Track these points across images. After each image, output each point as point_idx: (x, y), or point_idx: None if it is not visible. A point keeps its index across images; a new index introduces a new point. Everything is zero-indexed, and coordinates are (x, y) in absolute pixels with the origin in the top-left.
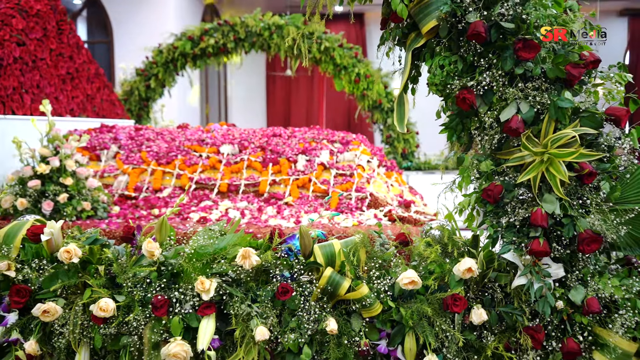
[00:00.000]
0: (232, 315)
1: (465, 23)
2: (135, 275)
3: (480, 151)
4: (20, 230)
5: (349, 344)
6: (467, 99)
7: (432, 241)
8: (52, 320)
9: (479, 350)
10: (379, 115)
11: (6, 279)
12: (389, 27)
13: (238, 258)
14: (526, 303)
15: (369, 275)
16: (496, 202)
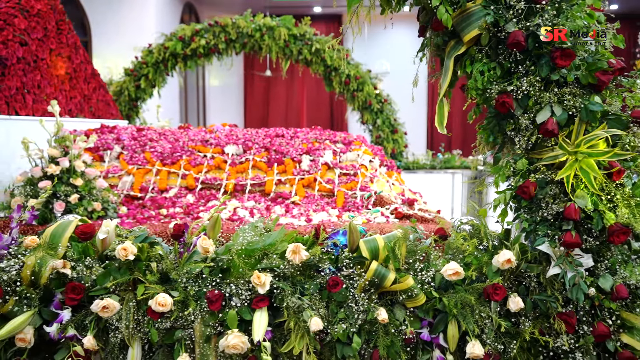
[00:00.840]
0: (284, 307)
1: (505, 32)
2: (189, 271)
3: (512, 151)
4: (67, 230)
5: (395, 332)
6: (506, 102)
7: (467, 235)
8: (110, 315)
9: (514, 336)
10: (368, 115)
11: (58, 277)
12: (429, 35)
13: (288, 253)
14: (558, 291)
15: (414, 268)
16: (531, 198)
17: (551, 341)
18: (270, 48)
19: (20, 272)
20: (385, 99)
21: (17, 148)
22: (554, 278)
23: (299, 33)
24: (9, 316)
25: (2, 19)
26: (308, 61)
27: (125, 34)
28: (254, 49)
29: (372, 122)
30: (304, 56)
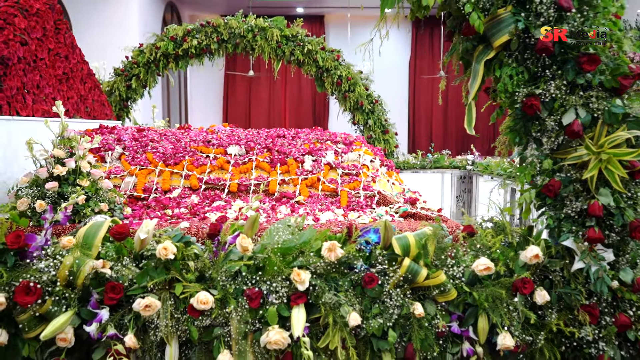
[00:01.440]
0: (320, 304)
1: (534, 38)
2: (228, 270)
3: (537, 152)
4: (100, 230)
5: (428, 326)
6: (534, 105)
7: (493, 232)
8: (151, 314)
9: (540, 328)
10: (360, 116)
11: (96, 276)
12: (457, 39)
13: (324, 251)
14: (581, 284)
15: (445, 264)
16: (556, 196)
17: (577, 332)
18: (262, 49)
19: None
20: (377, 100)
21: (19, 149)
22: (577, 272)
23: (290, 34)
24: (47, 316)
25: (2, 18)
26: (300, 62)
27: (109, 33)
28: (245, 49)
29: (364, 123)
30: (296, 57)
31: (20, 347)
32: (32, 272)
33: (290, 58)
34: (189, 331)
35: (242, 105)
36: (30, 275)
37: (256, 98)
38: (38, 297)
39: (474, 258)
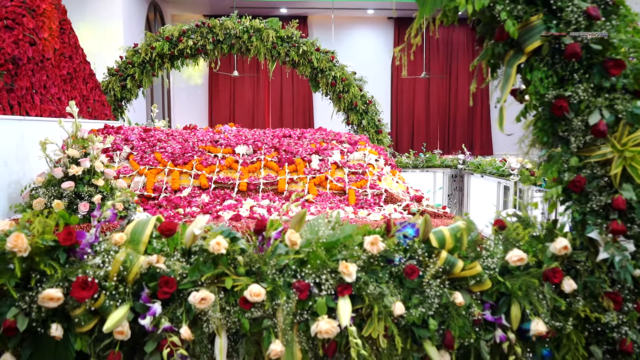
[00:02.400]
0: (365, 294)
1: (564, 44)
2: (277, 264)
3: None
4: (147, 227)
5: (466, 314)
6: (563, 106)
7: (520, 226)
8: (206, 307)
9: (567, 314)
10: (354, 116)
11: (147, 271)
12: (488, 44)
13: (367, 244)
14: (605, 273)
15: (479, 255)
16: (581, 191)
17: (602, 317)
18: (258, 50)
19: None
20: (370, 100)
21: (30, 148)
22: (601, 262)
23: (286, 35)
24: (100, 311)
25: (10, 18)
26: (295, 63)
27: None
28: (241, 50)
29: (358, 123)
30: (291, 58)
31: (72, 341)
32: (88, 268)
33: (285, 59)
34: (240, 323)
35: (225, 105)
36: (87, 271)
37: (240, 98)
38: (94, 292)
39: (504, 250)
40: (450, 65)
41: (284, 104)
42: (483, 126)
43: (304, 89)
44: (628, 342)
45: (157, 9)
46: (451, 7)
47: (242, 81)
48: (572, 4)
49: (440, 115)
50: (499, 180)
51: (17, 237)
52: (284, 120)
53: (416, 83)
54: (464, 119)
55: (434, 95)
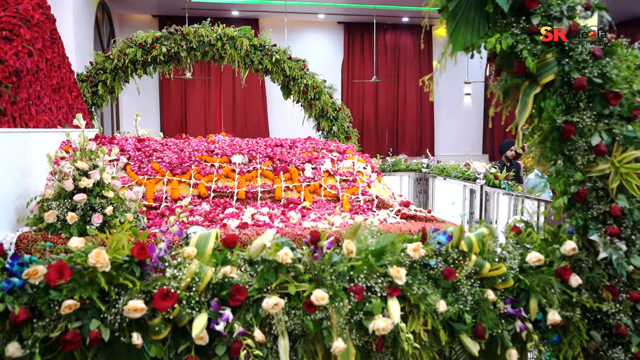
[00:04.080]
0: (410, 295)
1: (572, 78)
2: (335, 270)
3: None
4: (209, 240)
5: (494, 308)
6: (570, 130)
7: (532, 230)
8: (277, 311)
9: (573, 305)
10: (325, 123)
11: (218, 281)
12: (505, 75)
13: (410, 250)
14: (603, 269)
15: (503, 257)
16: (584, 201)
17: (604, 306)
18: (232, 57)
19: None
20: (340, 107)
21: (32, 160)
22: (601, 260)
23: (259, 43)
24: (176, 320)
25: (7, 29)
26: (268, 70)
27: None
28: (214, 57)
29: (329, 129)
30: (264, 66)
31: (147, 348)
32: (165, 280)
33: (258, 67)
34: (305, 325)
35: (177, 109)
36: (166, 283)
37: (191, 101)
38: (174, 302)
39: (521, 253)
40: (397, 69)
41: (237, 106)
42: (430, 129)
43: (257, 92)
44: (622, 326)
45: (106, 8)
46: (479, 44)
47: (193, 84)
48: (580, 45)
49: (389, 118)
50: (464, 184)
51: (99, 254)
52: (237, 123)
53: (365, 87)
54: (412, 121)
55: (382, 99)
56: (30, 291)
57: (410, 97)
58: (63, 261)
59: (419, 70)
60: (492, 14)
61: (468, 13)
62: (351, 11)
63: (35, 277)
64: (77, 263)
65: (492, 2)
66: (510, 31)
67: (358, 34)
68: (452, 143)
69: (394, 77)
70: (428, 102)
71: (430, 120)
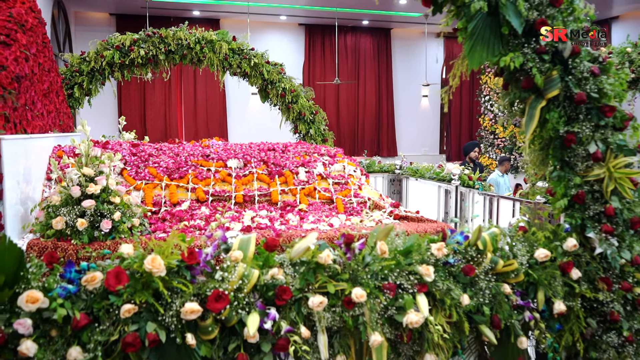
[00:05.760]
0: (435, 290)
1: (573, 92)
2: (370, 269)
3: (567, 171)
4: (250, 244)
5: (508, 301)
6: (572, 139)
7: (537, 230)
8: (322, 308)
9: (574, 296)
10: (302, 126)
11: (261, 282)
12: (512, 89)
13: (434, 250)
14: (598, 262)
15: (514, 254)
16: (582, 202)
17: (600, 295)
18: (211, 61)
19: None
20: (317, 111)
21: (32, 166)
22: (597, 255)
23: (237, 47)
24: (225, 320)
25: (4, 34)
26: (247, 74)
27: None
28: (192, 61)
29: (306, 132)
30: (243, 69)
31: (197, 348)
32: (216, 283)
33: (237, 70)
34: (344, 320)
35: (136, 110)
36: (217, 285)
37: (151, 102)
38: (227, 303)
39: (527, 250)
40: (358, 71)
41: (198, 107)
42: (389, 129)
43: (217, 92)
44: (615, 313)
45: (61, 6)
46: (493, 61)
47: (153, 85)
48: (581, 64)
49: (350, 119)
50: (439, 185)
51: (154, 259)
52: (198, 124)
53: (326, 88)
54: (371, 122)
55: (343, 100)
56: (84, 297)
57: (369, 98)
58: (121, 267)
59: (377, 72)
60: (506, 35)
61: (484, 33)
62: (312, 13)
63: (93, 283)
64: (133, 268)
65: (507, 24)
66: (521, 50)
67: (319, 36)
68: (410, 143)
69: (355, 79)
70: (387, 104)
71: (389, 121)
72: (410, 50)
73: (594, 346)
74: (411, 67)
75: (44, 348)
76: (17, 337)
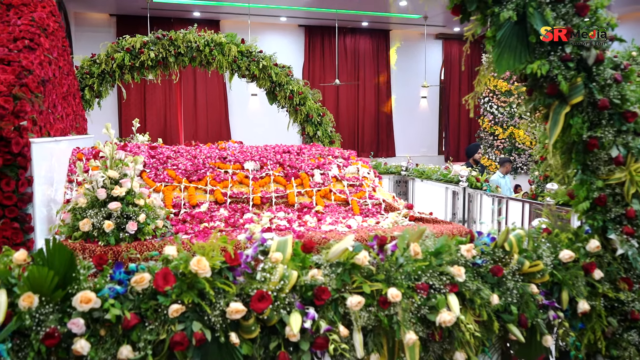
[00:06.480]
0: (465, 290)
1: (597, 99)
2: (404, 270)
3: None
4: (287, 246)
5: (533, 300)
6: (595, 144)
7: (560, 231)
8: (360, 308)
9: (596, 296)
10: (310, 128)
11: (304, 283)
12: (536, 95)
13: (464, 251)
14: (619, 263)
15: (540, 255)
16: (604, 204)
17: (621, 295)
18: (220, 63)
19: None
20: (324, 113)
21: (55, 169)
22: (620, 256)
23: (246, 50)
24: (266, 320)
25: (27, 38)
26: (255, 76)
27: None
28: (202, 63)
29: (313, 134)
30: (251, 72)
31: (239, 347)
32: (257, 284)
33: (245, 72)
34: (380, 320)
35: (136, 111)
36: (259, 286)
37: (151, 102)
38: (269, 303)
39: (552, 251)
40: (357, 72)
41: (198, 108)
42: (387, 130)
43: (217, 94)
44: (636, 312)
45: (62, 7)
46: (520, 68)
47: (154, 85)
48: (605, 71)
49: (350, 120)
50: (446, 186)
51: (200, 261)
52: (198, 125)
53: (326, 89)
54: (370, 123)
55: (342, 102)
56: (131, 297)
57: (369, 100)
58: (168, 268)
59: (377, 73)
60: (533, 43)
61: (511, 41)
62: (312, 15)
63: (141, 284)
64: (179, 270)
65: (535, 33)
66: (547, 58)
67: (318, 37)
68: (409, 145)
69: (354, 80)
70: (385, 105)
71: (387, 122)
72: (409, 52)
73: (614, 344)
74: (410, 68)
75: (95, 347)
76: (70, 337)
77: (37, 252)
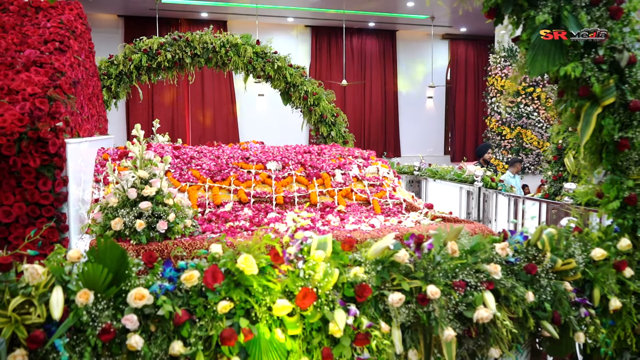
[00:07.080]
0: (500, 288)
1: (627, 100)
2: (441, 268)
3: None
4: (327, 245)
5: (565, 297)
6: (626, 144)
7: (589, 230)
8: (401, 305)
9: (627, 293)
10: (324, 128)
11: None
12: (568, 96)
13: (499, 249)
14: None
15: (571, 254)
16: (634, 204)
17: None
18: (236, 64)
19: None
20: (338, 113)
21: (83, 169)
22: None
23: (261, 51)
24: (309, 316)
25: (57, 40)
26: (270, 77)
27: None
28: (218, 64)
29: (327, 134)
30: (266, 72)
31: (284, 343)
32: (301, 281)
33: (260, 73)
34: (419, 316)
35: (143, 111)
36: (303, 284)
37: (159, 103)
38: (314, 300)
39: (583, 249)
40: (364, 72)
41: (205, 108)
42: (393, 130)
43: (225, 94)
44: None
45: None
46: (553, 70)
47: (161, 86)
48: (637, 73)
49: (356, 121)
50: (461, 186)
51: (247, 259)
52: (206, 125)
53: (333, 89)
54: (377, 123)
55: (349, 102)
56: (180, 294)
57: (375, 100)
58: (217, 266)
59: (383, 74)
60: (567, 46)
61: (545, 44)
62: (319, 15)
63: (190, 281)
64: (226, 267)
65: (569, 35)
66: (580, 60)
67: (325, 38)
68: (415, 144)
69: (361, 80)
70: (392, 105)
71: (394, 122)
72: (416, 52)
73: None
74: (416, 68)
75: (147, 342)
76: (123, 332)
77: (89, 250)
